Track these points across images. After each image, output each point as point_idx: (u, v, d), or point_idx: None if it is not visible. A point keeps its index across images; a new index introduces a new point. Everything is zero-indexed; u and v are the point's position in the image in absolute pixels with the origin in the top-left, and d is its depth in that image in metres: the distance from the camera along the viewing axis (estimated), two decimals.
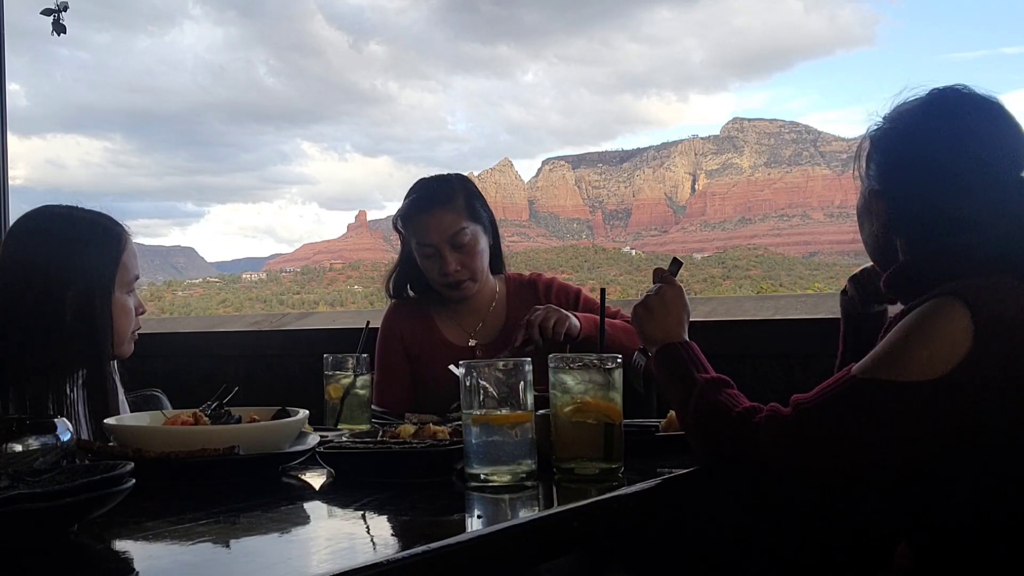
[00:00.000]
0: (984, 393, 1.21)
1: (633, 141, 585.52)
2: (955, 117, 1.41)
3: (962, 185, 1.37)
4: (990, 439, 1.24)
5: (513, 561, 1.06)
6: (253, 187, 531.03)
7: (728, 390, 1.39)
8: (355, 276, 70.34)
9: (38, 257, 1.72)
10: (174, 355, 3.49)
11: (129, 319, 1.79)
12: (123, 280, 1.77)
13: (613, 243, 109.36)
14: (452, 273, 2.23)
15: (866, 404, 1.25)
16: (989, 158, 1.37)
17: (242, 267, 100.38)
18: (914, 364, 1.23)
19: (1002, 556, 1.28)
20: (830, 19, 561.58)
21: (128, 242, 1.80)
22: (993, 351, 1.21)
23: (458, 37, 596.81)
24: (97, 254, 1.74)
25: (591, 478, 1.32)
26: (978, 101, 1.41)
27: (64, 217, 1.79)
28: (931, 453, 1.25)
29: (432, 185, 2.32)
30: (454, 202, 2.25)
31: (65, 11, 3.74)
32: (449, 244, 2.22)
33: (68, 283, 1.69)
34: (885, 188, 1.44)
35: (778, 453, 1.27)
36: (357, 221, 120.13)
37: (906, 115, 1.45)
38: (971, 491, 1.28)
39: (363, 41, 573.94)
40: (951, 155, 1.38)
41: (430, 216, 2.24)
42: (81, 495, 0.92)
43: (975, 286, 1.27)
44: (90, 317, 1.70)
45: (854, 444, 1.25)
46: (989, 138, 1.39)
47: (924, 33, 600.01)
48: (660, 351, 1.50)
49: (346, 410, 1.91)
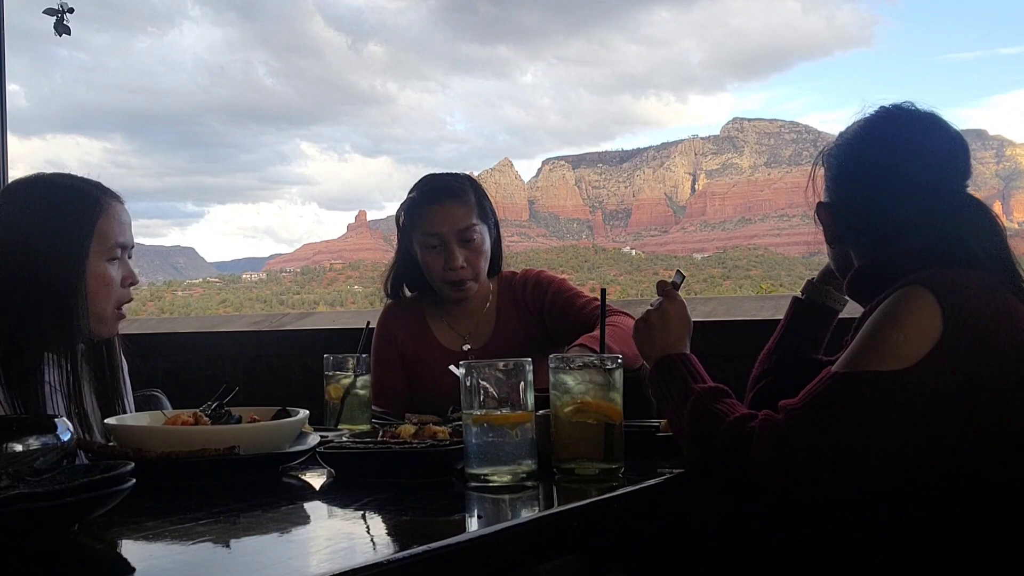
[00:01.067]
0: (957, 378, 1.25)
1: (632, 142, 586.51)
2: (892, 130, 1.51)
3: (896, 192, 1.46)
4: (967, 429, 1.26)
5: (513, 561, 1.06)
6: (253, 187, 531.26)
7: (725, 399, 1.39)
8: (355, 276, 70.36)
9: (11, 228, 1.64)
10: (174, 355, 3.49)
11: (109, 290, 1.67)
12: (102, 247, 1.65)
13: (613, 243, 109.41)
14: (458, 269, 2.19)
15: (850, 398, 1.27)
16: (922, 167, 1.46)
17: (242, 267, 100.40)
18: (890, 352, 1.27)
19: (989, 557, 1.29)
20: (827, 20, 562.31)
21: (108, 207, 1.68)
22: (961, 336, 1.26)
23: (457, 38, 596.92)
24: (69, 220, 1.63)
25: (591, 478, 1.32)
26: (917, 115, 1.50)
27: (39, 184, 1.69)
28: (915, 448, 1.27)
29: (444, 178, 2.29)
30: (466, 198, 2.22)
31: (70, 13, 3.73)
32: (458, 238, 2.18)
33: (37, 252, 1.60)
34: (830, 199, 1.56)
35: (771, 458, 1.27)
36: (357, 221, 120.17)
37: (850, 132, 1.55)
38: (956, 492, 1.29)
39: (362, 42, 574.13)
40: (886, 165, 1.48)
41: (441, 207, 2.19)
42: (81, 495, 0.92)
43: (938, 275, 1.33)
44: (57, 288, 1.59)
45: (844, 441, 1.26)
46: (922, 148, 1.48)
47: (921, 34, 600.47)
48: (657, 363, 1.49)
49: (346, 410, 1.91)
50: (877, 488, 1.30)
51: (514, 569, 1.09)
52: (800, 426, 1.27)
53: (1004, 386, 1.27)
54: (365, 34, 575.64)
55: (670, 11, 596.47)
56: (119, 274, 1.70)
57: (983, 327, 1.27)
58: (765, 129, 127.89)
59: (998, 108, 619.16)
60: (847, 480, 1.28)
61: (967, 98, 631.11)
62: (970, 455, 1.28)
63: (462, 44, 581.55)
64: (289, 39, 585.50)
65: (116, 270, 1.69)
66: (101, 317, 1.67)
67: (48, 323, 1.61)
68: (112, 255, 1.68)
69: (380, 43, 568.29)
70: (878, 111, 1.53)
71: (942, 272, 1.34)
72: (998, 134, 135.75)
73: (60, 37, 3.79)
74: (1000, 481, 1.29)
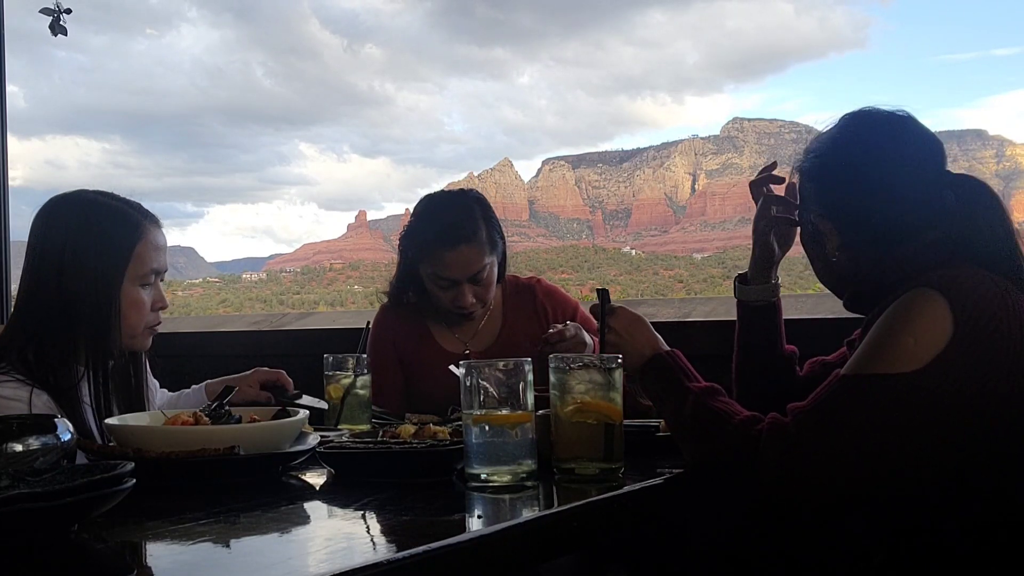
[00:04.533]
0: (967, 380, 1.24)
1: (630, 142, 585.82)
2: (867, 131, 1.51)
3: (895, 192, 1.44)
4: (977, 431, 1.26)
5: (513, 561, 1.06)
6: (252, 188, 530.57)
7: (722, 398, 1.40)
8: (355, 276, 70.27)
9: (50, 242, 1.69)
10: (174, 355, 3.48)
11: (140, 313, 1.72)
12: (137, 272, 1.71)
13: (613, 243, 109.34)
14: (468, 306, 2.20)
15: (860, 400, 1.26)
16: (911, 163, 1.46)
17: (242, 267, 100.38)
18: (900, 355, 1.26)
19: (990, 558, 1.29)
20: (820, 22, 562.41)
21: (147, 233, 1.73)
22: (972, 337, 1.25)
23: (453, 39, 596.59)
24: (109, 242, 1.69)
25: (591, 478, 1.32)
26: (888, 116, 1.51)
27: (82, 202, 1.74)
28: (925, 451, 1.26)
29: (455, 214, 2.19)
30: (478, 237, 2.17)
31: (67, 13, 3.72)
32: (469, 280, 2.18)
33: (74, 270, 1.66)
34: (829, 211, 1.51)
35: (779, 461, 1.27)
36: (357, 221, 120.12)
37: (828, 142, 1.53)
38: (964, 494, 1.29)
39: (358, 44, 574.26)
40: (881, 165, 1.46)
41: (456, 253, 2.15)
42: (81, 495, 0.92)
43: (948, 276, 1.31)
44: (95, 306, 1.66)
45: (853, 444, 1.25)
46: (904, 147, 1.48)
47: (915, 36, 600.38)
48: (646, 365, 1.48)
49: (346, 410, 1.91)
50: (885, 491, 1.30)
51: (514, 569, 1.09)
52: (808, 429, 1.27)
53: (1014, 387, 1.25)
54: (361, 36, 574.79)
55: (665, 13, 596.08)
56: (150, 298, 1.75)
57: (993, 328, 1.26)
58: (765, 129, 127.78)
59: (994, 109, 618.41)
60: (855, 483, 1.27)
61: (963, 99, 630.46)
62: (980, 457, 1.27)
63: (459, 46, 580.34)
64: (286, 41, 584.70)
65: (148, 294, 1.74)
66: (132, 335, 1.73)
67: (82, 338, 1.67)
68: (146, 281, 1.73)
69: (377, 45, 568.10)
70: (843, 118, 1.53)
71: (951, 273, 1.33)
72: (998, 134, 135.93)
73: (56, 38, 3.79)
74: (1009, 483, 1.28)
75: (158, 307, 1.76)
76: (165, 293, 1.79)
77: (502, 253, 2.28)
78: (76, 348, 1.67)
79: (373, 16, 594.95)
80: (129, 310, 1.70)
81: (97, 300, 1.66)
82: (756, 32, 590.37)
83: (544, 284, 2.39)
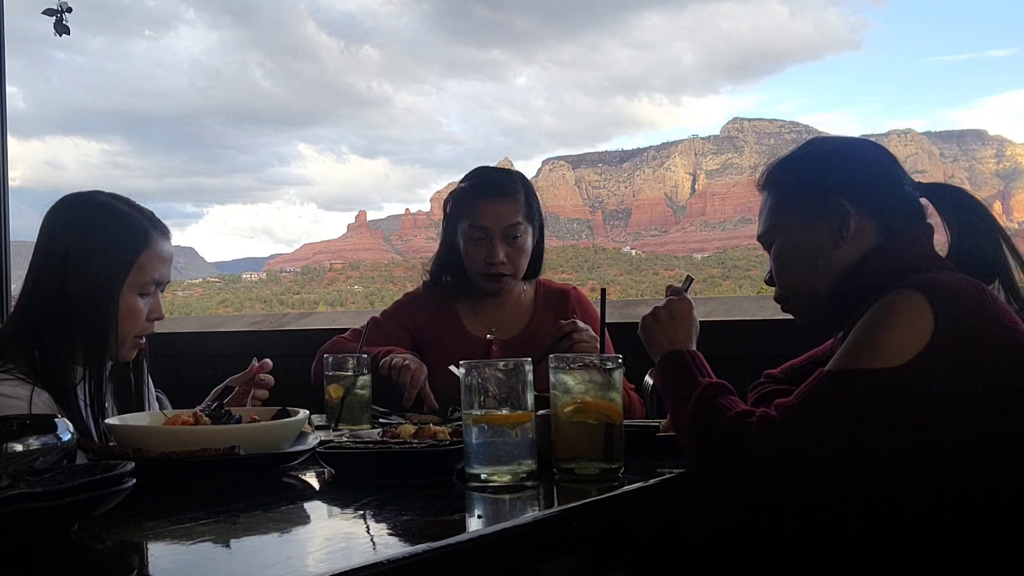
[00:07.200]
0: (948, 376, 1.27)
1: (628, 143, 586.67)
2: (829, 155, 1.57)
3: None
4: (959, 426, 1.29)
5: (513, 561, 1.06)
6: (251, 188, 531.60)
7: (729, 396, 1.41)
8: (355, 276, 70.26)
9: (55, 240, 1.69)
10: (174, 355, 3.48)
11: (133, 322, 1.71)
12: (137, 280, 1.69)
13: (613, 243, 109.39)
14: (498, 264, 2.23)
15: (844, 395, 1.29)
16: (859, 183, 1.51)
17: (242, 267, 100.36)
18: (883, 351, 1.29)
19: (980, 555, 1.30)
20: (815, 23, 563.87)
21: (153, 242, 1.72)
22: (952, 335, 1.29)
23: (451, 41, 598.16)
24: (113, 248, 1.68)
25: (591, 478, 1.32)
26: (847, 140, 1.61)
27: (92, 204, 1.73)
28: (908, 445, 1.28)
29: (497, 174, 2.33)
30: (515, 196, 2.26)
31: (69, 12, 3.73)
32: (503, 234, 2.23)
33: (76, 271, 1.65)
34: (775, 223, 1.58)
35: (766, 454, 1.29)
36: (357, 221, 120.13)
37: (786, 163, 1.60)
38: (947, 488, 1.31)
39: (356, 45, 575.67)
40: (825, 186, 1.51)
41: (490, 201, 2.24)
42: (81, 495, 0.92)
43: (928, 279, 1.36)
44: (93, 310, 1.65)
45: (838, 437, 1.28)
46: (854, 167, 1.54)
47: (911, 37, 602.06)
48: (665, 357, 1.52)
49: (346, 410, 1.91)
50: (869, 484, 1.32)
51: (514, 569, 1.09)
52: (795, 422, 1.29)
53: (994, 384, 1.29)
54: (359, 37, 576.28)
55: (660, 15, 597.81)
56: (147, 308, 1.73)
57: (973, 327, 1.30)
58: (765, 129, 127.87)
59: (990, 110, 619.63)
60: (840, 475, 1.29)
61: (958, 100, 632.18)
62: (961, 452, 1.30)
63: (456, 47, 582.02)
64: (284, 42, 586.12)
65: (145, 304, 1.73)
66: (121, 343, 1.71)
67: (80, 340, 1.66)
68: (145, 290, 1.72)
69: (374, 46, 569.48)
70: (810, 142, 1.63)
71: (931, 276, 1.38)
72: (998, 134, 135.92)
73: (60, 37, 3.79)
74: (991, 478, 1.31)
75: (153, 317, 1.75)
76: (163, 302, 1.77)
77: (539, 237, 2.33)
78: (75, 349, 1.67)
79: (370, 18, 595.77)
80: (123, 318, 1.69)
81: (96, 304, 1.65)
82: (751, 34, 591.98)
83: (578, 293, 2.44)
